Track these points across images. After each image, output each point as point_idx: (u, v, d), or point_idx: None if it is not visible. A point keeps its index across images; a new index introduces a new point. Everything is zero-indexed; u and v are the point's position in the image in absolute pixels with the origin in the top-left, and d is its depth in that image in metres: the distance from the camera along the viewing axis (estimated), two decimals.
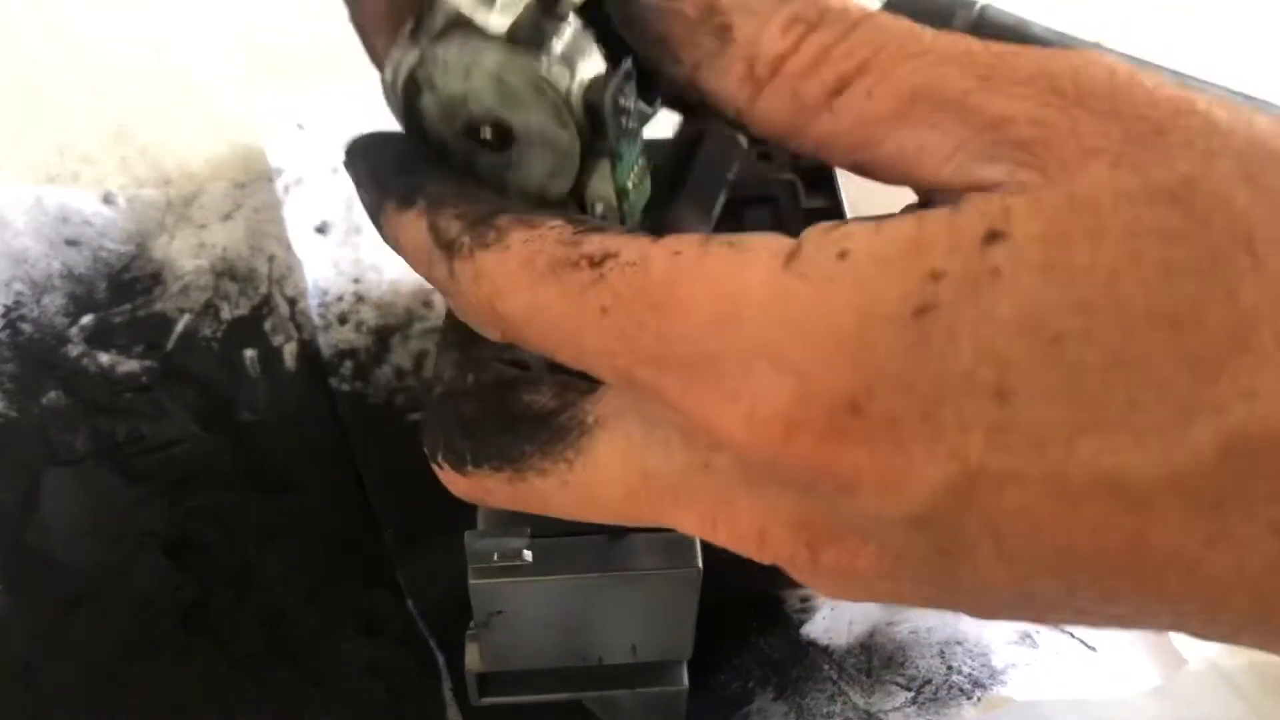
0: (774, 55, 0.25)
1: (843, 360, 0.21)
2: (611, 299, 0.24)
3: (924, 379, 0.21)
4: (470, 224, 0.26)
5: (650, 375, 0.23)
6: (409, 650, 0.50)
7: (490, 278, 0.25)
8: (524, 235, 0.25)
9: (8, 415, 0.56)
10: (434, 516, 0.53)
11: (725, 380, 0.22)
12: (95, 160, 0.68)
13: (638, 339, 0.23)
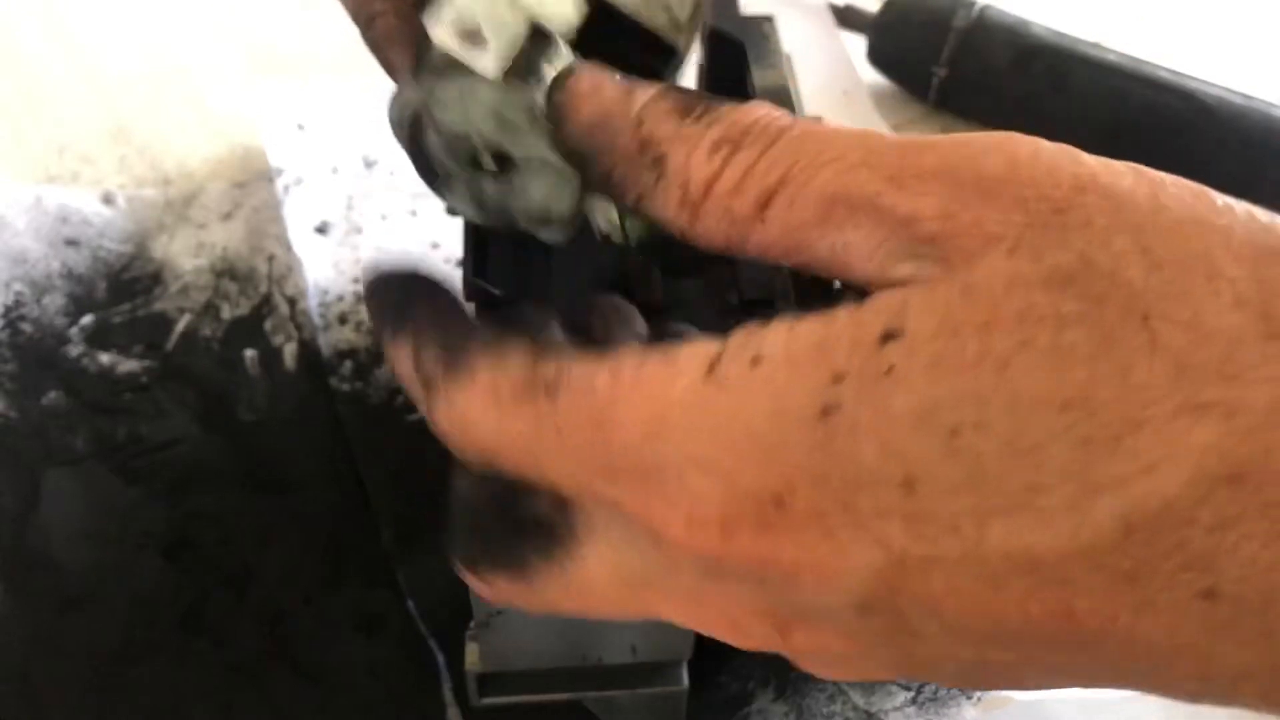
0: (703, 179, 0.26)
1: (762, 460, 0.23)
2: (565, 422, 0.25)
3: (836, 474, 0.22)
4: (444, 359, 0.28)
5: (605, 488, 0.25)
6: (409, 651, 0.50)
7: (461, 410, 0.27)
8: (489, 365, 0.27)
9: (7, 416, 0.56)
10: (434, 516, 0.53)
11: (664, 488, 0.24)
12: (95, 160, 0.68)
13: (589, 456, 0.25)
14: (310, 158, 0.66)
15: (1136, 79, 0.67)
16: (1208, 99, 0.65)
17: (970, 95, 0.71)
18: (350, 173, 0.66)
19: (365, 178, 0.66)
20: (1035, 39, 0.68)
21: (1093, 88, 0.67)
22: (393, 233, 0.64)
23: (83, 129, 0.69)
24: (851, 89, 0.72)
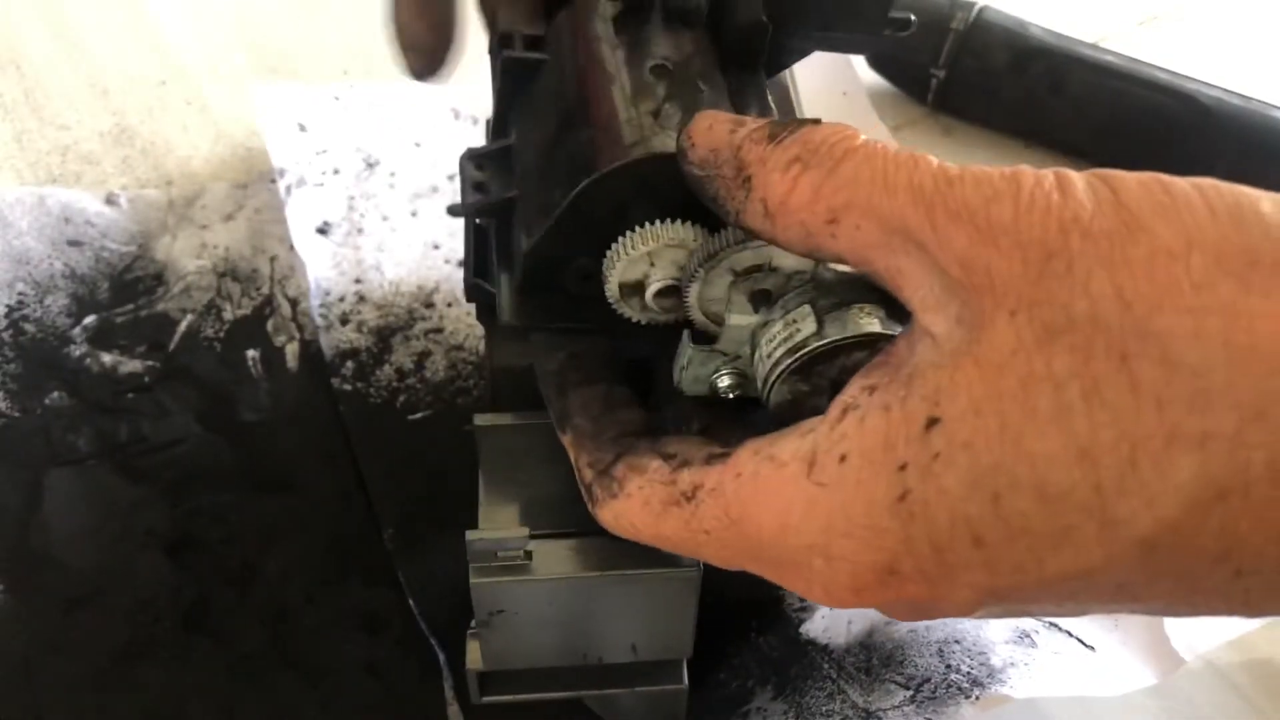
0: (779, 196, 0.30)
1: (868, 544, 0.28)
2: (710, 524, 0.31)
3: (924, 543, 0.27)
4: (598, 474, 0.35)
5: (754, 568, 0.31)
6: (409, 649, 0.50)
7: (626, 520, 0.34)
8: (637, 482, 0.33)
9: (10, 415, 0.56)
10: (434, 516, 0.54)
11: (797, 571, 0.29)
12: (97, 161, 0.68)
13: (735, 547, 0.31)
14: (312, 159, 0.66)
15: (1135, 80, 0.67)
16: (1206, 100, 0.66)
17: (969, 96, 0.71)
18: (352, 174, 0.66)
19: (367, 178, 0.66)
20: (1034, 40, 0.69)
21: (1091, 89, 0.67)
22: (394, 233, 0.64)
23: (85, 130, 0.69)
24: (851, 90, 0.72)
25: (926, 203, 0.27)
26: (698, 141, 0.32)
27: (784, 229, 0.30)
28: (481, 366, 0.59)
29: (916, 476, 0.27)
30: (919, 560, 0.27)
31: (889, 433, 0.27)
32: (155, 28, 0.75)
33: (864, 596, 0.29)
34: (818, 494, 0.28)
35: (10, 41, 0.74)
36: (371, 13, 0.77)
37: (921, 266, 0.28)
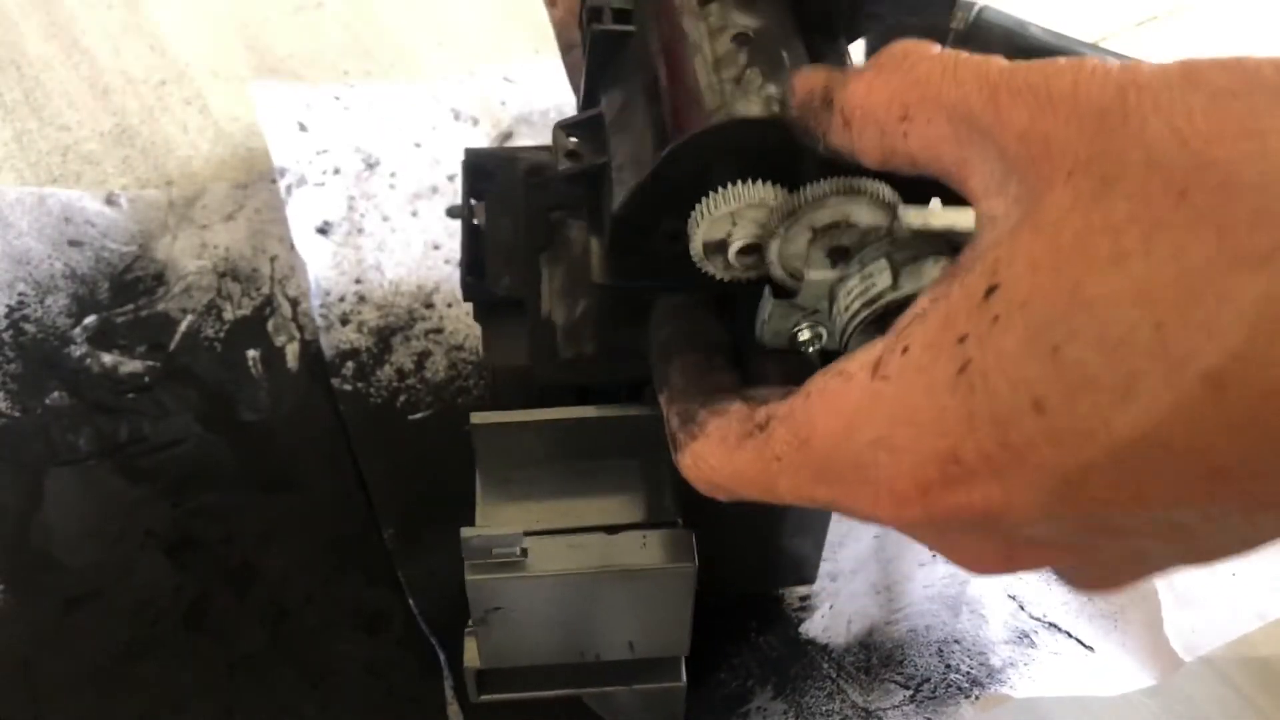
0: (857, 101, 0.30)
1: (930, 428, 0.27)
2: (780, 448, 0.31)
3: (985, 419, 0.26)
4: (684, 421, 0.35)
5: (822, 492, 0.30)
6: (410, 648, 0.50)
7: (703, 458, 0.34)
8: (717, 423, 0.34)
9: (11, 415, 0.56)
10: (434, 516, 0.54)
11: (863, 475, 0.28)
12: (98, 161, 0.68)
13: (804, 469, 0.30)
14: (312, 159, 0.66)
15: None
16: None
17: None
18: (352, 174, 0.66)
19: (367, 179, 0.66)
20: (1033, 41, 0.68)
21: None
22: (394, 233, 0.64)
23: (86, 130, 0.69)
24: None
25: (991, 86, 0.27)
26: (797, 87, 0.33)
27: (860, 134, 0.30)
28: (481, 366, 0.59)
29: (975, 344, 0.26)
30: (980, 441, 0.26)
31: (949, 313, 0.27)
32: (155, 28, 0.75)
33: (929, 500, 0.27)
34: (881, 388, 0.28)
35: (10, 41, 0.74)
36: (371, 13, 0.78)
37: (984, 154, 0.27)
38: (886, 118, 0.30)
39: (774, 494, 0.32)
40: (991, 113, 0.27)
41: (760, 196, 0.36)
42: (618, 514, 0.40)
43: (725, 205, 0.36)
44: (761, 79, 0.37)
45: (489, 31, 0.50)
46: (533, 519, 0.40)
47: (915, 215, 0.33)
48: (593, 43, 0.42)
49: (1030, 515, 0.26)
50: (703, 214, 0.36)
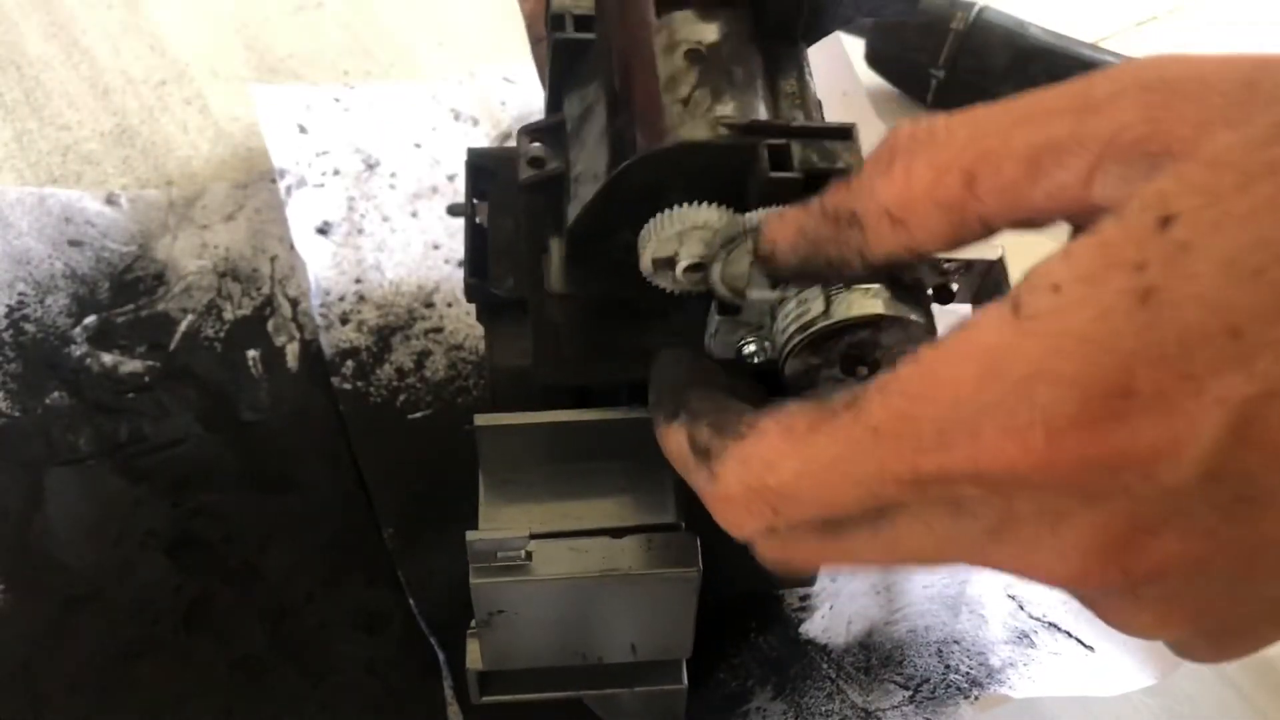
0: (898, 197, 0.29)
1: (1102, 357, 0.24)
2: (878, 416, 0.27)
3: (1171, 345, 0.24)
4: (719, 430, 0.31)
5: (936, 460, 0.26)
6: (409, 649, 0.50)
7: (756, 457, 0.29)
8: (772, 419, 0.29)
9: (11, 415, 0.56)
10: (434, 515, 0.54)
11: (1012, 418, 0.25)
12: (98, 161, 0.68)
13: (915, 433, 0.26)
14: (312, 159, 0.66)
15: None
16: None
17: (968, 97, 0.70)
18: (352, 174, 0.66)
19: (367, 179, 0.66)
20: (1033, 41, 0.69)
21: None
22: (394, 234, 0.64)
23: (86, 130, 0.69)
24: (850, 90, 0.72)
25: (1070, 108, 0.27)
26: (778, 237, 0.32)
27: (920, 222, 0.29)
28: (481, 366, 0.59)
29: (1161, 271, 0.24)
30: (1159, 371, 0.24)
31: (1109, 246, 0.25)
32: (155, 28, 0.75)
33: (1092, 437, 0.25)
34: (1031, 325, 0.25)
35: (10, 41, 0.74)
36: (371, 13, 0.78)
37: (1083, 166, 0.27)
38: (946, 192, 0.28)
39: (852, 486, 0.28)
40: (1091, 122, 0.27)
41: (705, 219, 0.36)
42: (621, 516, 0.40)
43: (671, 226, 0.37)
44: (710, 100, 0.38)
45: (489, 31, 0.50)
46: (535, 521, 0.40)
47: None
48: (554, 50, 0.43)
49: (1191, 463, 0.25)
50: (650, 234, 0.37)
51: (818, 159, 0.37)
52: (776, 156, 0.36)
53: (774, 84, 0.40)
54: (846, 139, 0.37)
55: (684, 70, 0.39)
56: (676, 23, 0.40)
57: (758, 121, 0.37)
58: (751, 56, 0.40)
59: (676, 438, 0.33)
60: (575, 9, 0.43)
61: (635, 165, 0.37)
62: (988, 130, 0.28)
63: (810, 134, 0.37)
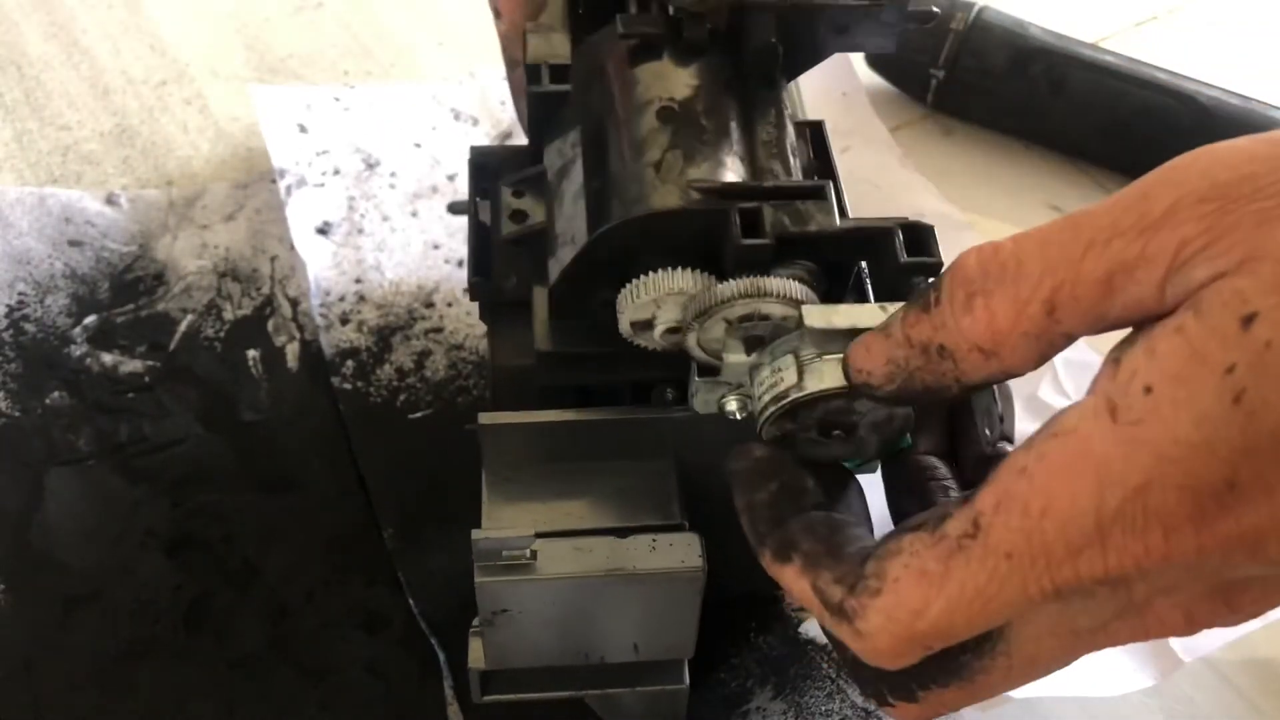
0: (985, 332, 0.30)
1: (1206, 457, 0.27)
2: (1001, 543, 0.29)
3: (1265, 439, 0.26)
4: (849, 587, 0.31)
5: (1070, 571, 0.28)
6: (410, 648, 0.50)
7: (902, 610, 0.30)
8: (900, 562, 0.30)
9: (11, 415, 0.56)
10: (435, 515, 0.54)
11: (1132, 524, 0.27)
12: (98, 161, 0.68)
13: (1046, 552, 0.28)
14: (312, 159, 0.66)
15: (1134, 80, 0.67)
16: (1205, 100, 0.66)
17: (968, 97, 0.71)
18: (352, 174, 0.66)
19: (367, 179, 0.66)
20: (1033, 41, 0.69)
21: (1090, 89, 0.67)
22: (394, 233, 0.64)
23: (86, 131, 0.69)
24: (850, 91, 0.72)
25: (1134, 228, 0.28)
26: (871, 369, 0.33)
27: (1010, 351, 0.30)
28: (482, 366, 0.59)
29: (1249, 372, 0.26)
30: (1259, 464, 0.26)
31: (1196, 347, 0.27)
32: (155, 28, 0.75)
33: (1204, 531, 0.27)
34: (1134, 432, 0.27)
35: (10, 41, 0.74)
36: (371, 13, 0.78)
37: (1154, 279, 0.28)
38: (1031, 324, 0.29)
39: (1001, 607, 0.29)
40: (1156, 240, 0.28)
41: (680, 285, 0.37)
42: (624, 516, 0.40)
43: (646, 293, 0.37)
44: (682, 163, 0.38)
45: (489, 31, 0.50)
46: (539, 520, 0.40)
47: (818, 315, 0.34)
48: (531, 102, 0.43)
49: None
50: (628, 298, 0.38)
51: (789, 223, 0.37)
52: (748, 221, 0.36)
53: (751, 131, 0.40)
54: (819, 198, 0.38)
55: (656, 131, 0.39)
56: (649, 77, 0.40)
57: (730, 185, 0.38)
58: (727, 105, 0.40)
59: (800, 585, 0.33)
60: (551, 59, 0.43)
61: (608, 234, 0.37)
62: (1058, 260, 0.29)
63: (781, 195, 0.37)
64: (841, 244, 0.37)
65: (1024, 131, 0.71)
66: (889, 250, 0.37)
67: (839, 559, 0.33)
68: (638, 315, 0.38)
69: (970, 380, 0.31)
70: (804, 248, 0.37)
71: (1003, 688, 0.33)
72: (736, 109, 0.40)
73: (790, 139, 0.41)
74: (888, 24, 0.42)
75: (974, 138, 0.72)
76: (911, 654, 0.31)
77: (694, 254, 0.37)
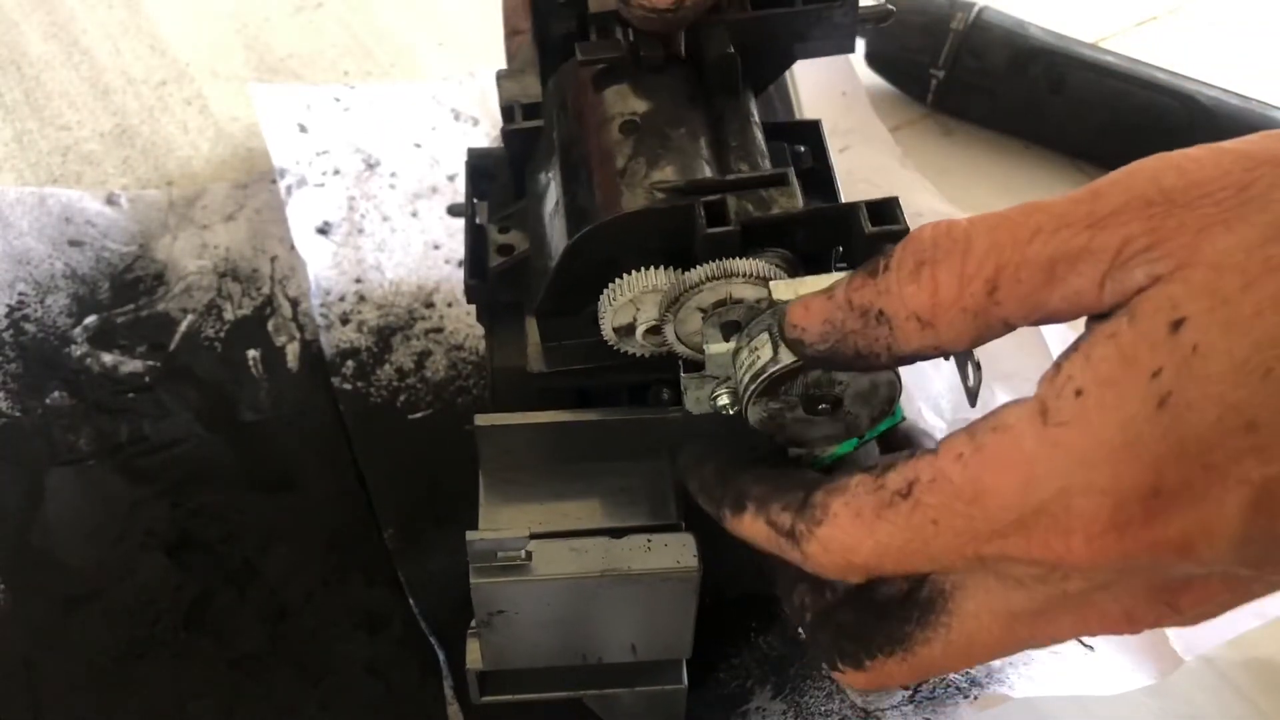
0: (926, 301, 0.30)
1: (1130, 462, 0.27)
2: (935, 513, 0.30)
3: (1192, 445, 0.26)
4: (796, 511, 0.33)
5: (994, 547, 0.30)
6: (410, 648, 0.50)
7: (837, 542, 0.32)
8: (841, 500, 0.32)
9: (11, 415, 0.56)
10: (434, 515, 0.54)
11: (1054, 522, 0.28)
12: (98, 162, 0.68)
13: (970, 528, 0.30)
14: (312, 159, 0.66)
15: (1134, 80, 0.67)
16: (1205, 100, 0.66)
17: (968, 97, 0.71)
18: (352, 173, 0.66)
19: (367, 179, 0.66)
20: (1033, 40, 0.69)
21: (1090, 89, 0.67)
22: (394, 233, 0.64)
23: (86, 131, 0.69)
24: (850, 90, 0.72)
25: (1080, 220, 0.29)
26: (806, 324, 0.33)
27: (947, 325, 0.30)
28: (481, 366, 0.59)
29: (1175, 375, 0.26)
30: (1183, 468, 0.27)
31: (1125, 351, 0.27)
32: (155, 28, 0.76)
33: (1128, 536, 0.27)
34: (1061, 433, 0.28)
35: (10, 41, 0.74)
36: (371, 13, 0.78)
37: (1096, 273, 0.28)
38: (971, 299, 0.30)
39: (927, 559, 0.31)
40: (1100, 236, 0.28)
41: (654, 283, 0.37)
42: (620, 516, 0.40)
43: (624, 294, 0.38)
44: (645, 168, 0.39)
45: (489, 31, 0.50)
46: (535, 521, 0.40)
47: (785, 288, 0.35)
48: (507, 140, 0.45)
49: (1223, 539, 0.27)
50: (606, 303, 0.38)
51: (753, 208, 0.37)
52: (713, 212, 0.37)
53: (718, 138, 0.40)
54: (782, 184, 0.38)
55: (620, 143, 0.40)
56: (612, 97, 0.41)
57: (693, 181, 0.38)
58: (691, 116, 0.40)
59: (756, 527, 0.35)
60: (523, 98, 0.45)
61: (579, 242, 0.38)
62: (1005, 241, 0.29)
63: (745, 185, 0.38)
64: (808, 224, 0.37)
65: (1024, 131, 0.71)
66: (856, 226, 0.37)
67: (787, 491, 0.34)
68: (619, 319, 0.38)
69: (901, 350, 0.31)
70: (771, 232, 0.37)
71: (941, 664, 0.34)
72: (701, 119, 0.41)
73: (759, 143, 0.41)
74: (842, 25, 0.43)
75: (974, 138, 0.72)
76: (853, 577, 0.33)
77: (668, 251, 0.37)
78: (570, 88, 0.42)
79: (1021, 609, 0.32)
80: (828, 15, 0.42)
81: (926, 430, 0.39)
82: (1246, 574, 0.29)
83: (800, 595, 0.37)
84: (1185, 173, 0.28)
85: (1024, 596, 0.31)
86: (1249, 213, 0.27)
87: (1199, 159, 0.28)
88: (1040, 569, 0.30)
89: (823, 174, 0.45)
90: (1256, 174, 0.27)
